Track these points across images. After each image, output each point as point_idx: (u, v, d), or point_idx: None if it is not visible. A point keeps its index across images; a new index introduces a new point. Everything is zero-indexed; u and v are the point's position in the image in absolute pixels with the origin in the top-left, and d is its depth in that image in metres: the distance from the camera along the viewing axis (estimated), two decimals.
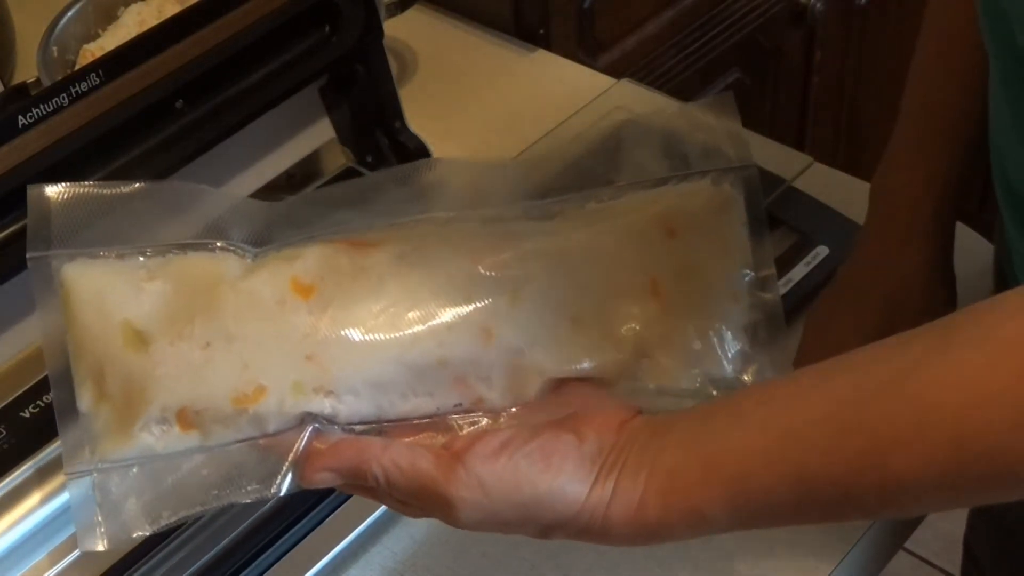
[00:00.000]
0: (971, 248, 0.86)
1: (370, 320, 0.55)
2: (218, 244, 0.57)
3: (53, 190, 0.55)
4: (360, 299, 0.56)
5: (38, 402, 0.70)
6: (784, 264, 0.84)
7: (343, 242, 0.57)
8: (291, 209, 0.59)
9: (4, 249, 0.67)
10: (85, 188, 0.56)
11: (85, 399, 0.54)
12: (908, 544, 1.77)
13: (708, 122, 0.60)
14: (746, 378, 0.58)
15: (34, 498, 0.68)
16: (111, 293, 0.55)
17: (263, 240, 0.58)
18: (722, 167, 0.59)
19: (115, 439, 0.54)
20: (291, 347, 0.55)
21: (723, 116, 0.60)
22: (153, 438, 0.54)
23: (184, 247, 0.56)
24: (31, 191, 0.55)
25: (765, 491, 0.49)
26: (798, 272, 0.85)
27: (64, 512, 0.69)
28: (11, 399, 0.70)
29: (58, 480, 0.69)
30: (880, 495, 0.47)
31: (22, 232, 0.67)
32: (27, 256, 0.55)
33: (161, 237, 0.56)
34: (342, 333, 0.55)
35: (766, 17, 1.37)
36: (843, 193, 0.93)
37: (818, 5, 1.39)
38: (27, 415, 0.70)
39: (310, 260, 0.56)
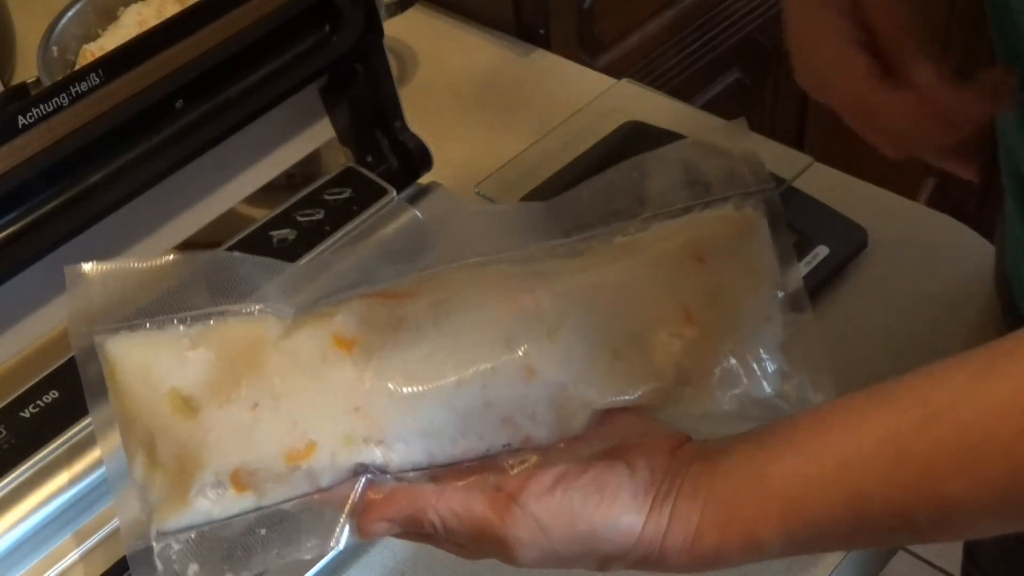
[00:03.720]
0: (971, 248, 0.86)
1: (414, 368, 0.56)
2: (255, 308, 0.57)
3: (89, 267, 0.57)
4: (402, 349, 0.56)
5: (38, 402, 0.70)
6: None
7: (378, 295, 0.58)
8: (319, 267, 0.61)
9: (4, 250, 0.67)
10: (120, 264, 0.57)
11: (138, 470, 0.55)
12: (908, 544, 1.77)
13: (724, 148, 0.61)
14: (788, 390, 0.59)
15: (34, 498, 0.68)
16: (156, 363, 0.56)
17: (296, 300, 0.59)
18: (743, 191, 0.60)
19: (171, 507, 0.55)
20: (338, 401, 0.56)
21: (737, 141, 0.61)
22: (209, 502, 0.54)
23: (223, 313, 0.57)
24: (68, 271, 0.57)
25: (821, 517, 0.49)
26: (798, 271, 0.85)
27: (64, 512, 0.69)
28: (11, 399, 0.70)
29: (57, 481, 0.69)
30: (936, 521, 0.47)
31: (22, 232, 0.67)
32: (70, 336, 0.56)
33: (197, 305, 0.57)
34: (387, 383, 0.56)
35: (766, 17, 1.37)
36: (843, 193, 0.93)
37: None
38: (27, 415, 0.70)
39: (349, 315, 0.57)
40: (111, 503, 0.55)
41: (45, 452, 0.68)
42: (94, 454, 0.68)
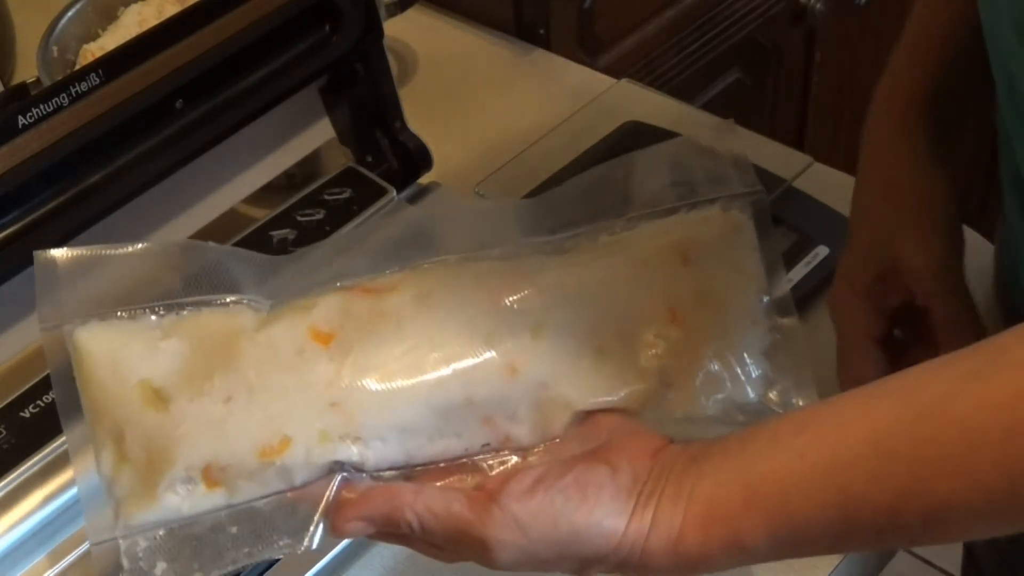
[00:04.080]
0: (971, 248, 0.86)
1: (393, 364, 0.55)
2: (230, 299, 0.56)
3: (59, 253, 0.55)
4: (381, 343, 0.55)
5: (38, 402, 0.70)
6: (784, 264, 0.84)
7: (358, 288, 0.57)
8: (298, 259, 0.59)
9: (4, 250, 0.67)
10: (91, 251, 0.56)
11: (106, 463, 0.53)
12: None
13: (712, 150, 0.61)
14: (772, 396, 0.58)
15: (34, 498, 0.68)
16: (126, 354, 0.54)
17: (273, 292, 0.57)
18: (730, 193, 0.60)
19: (139, 502, 0.53)
20: (314, 395, 0.54)
21: (725, 142, 0.61)
22: (179, 498, 0.53)
23: (197, 304, 0.56)
24: (38, 257, 0.55)
25: (808, 519, 0.48)
26: (798, 272, 0.85)
27: (64, 512, 0.69)
28: (11, 399, 0.70)
29: (58, 480, 0.69)
30: (926, 521, 0.46)
31: (22, 232, 0.67)
32: (39, 324, 0.54)
33: (171, 295, 0.55)
34: (365, 378, 0.54)
35: (766, 17, 1.37)
36: (843, 193, 0.92)
37: (818, 5, 1.39)
38: (27, 415, 0.70)
39: (327, 308, 0.56)
40: (80, 498, 0.54)
41: (45, 452, 0.69)
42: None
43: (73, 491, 0.69)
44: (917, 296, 0.69)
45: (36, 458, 0.68)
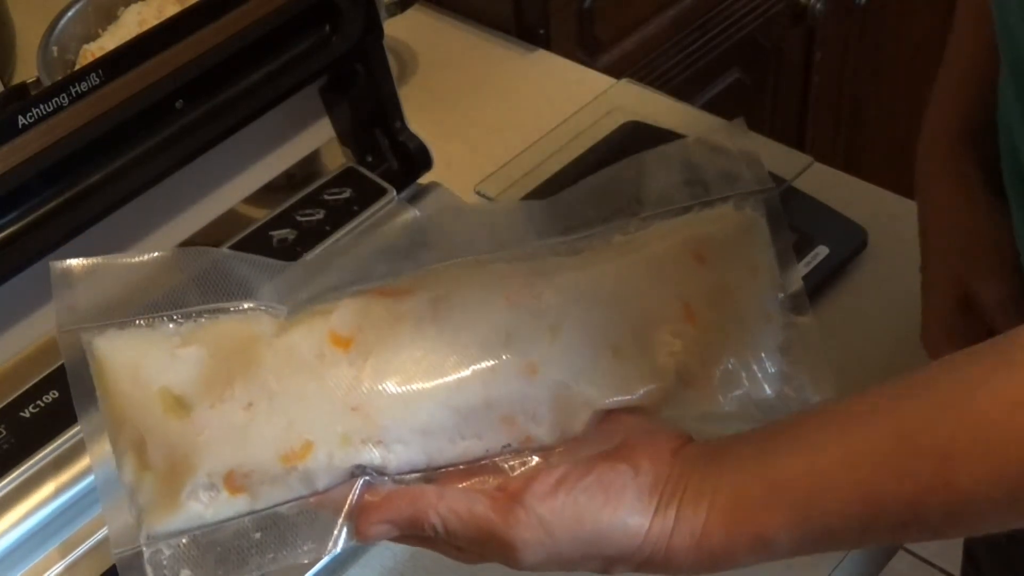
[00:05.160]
0: None
1: (412, 366, 0.55)
2: (248, 305, 0.56)
3: (76, 263, 0.55)
4: (400, 346, 0.55)
5: (38, 402, 0.70)
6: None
7: (375, 292, 0.57)
8: (312, 264, 0.60)
9: (4, 250, 0.67)
10: (107, 260, 0.56)
11: (127, 471, 0.53)
12: (908, 544, 1.78)
13: (724, 148, 0.61)
14: (789, 392, 0.58)
15: (34, 498, 0.68)
16: (146, 362, 0.54)
17: (290, 298, 0.57)
18: (743, 191, 0.60)
19: (162, 510, 0.53)
20: (335, 400, 0.54)
21: (737, 140, 0.61)
22: (201, 505, 0.53)
23: (215, 311, 0.56)
24: (54, 267, 0.55)
25: (830, 514, 0.48)
26: (798, 272, 0.85)
27: (64, 512, 0.69)
28: (11, 399, 0.70)
29: (58, 480, 0.69)
30: (947, 514, 0.47)
31: (22, 232, 0.67)
32: (57, 332, 0.54)
33: (188, 302, 0.55)
34: (385, 382, 0.55)
35: (766, 17, 1.37)
36: (843, 193, 0.93)
37: (818, 5, 1.39)
38: (27, 415, 0.70)
39: (345, 312, 0.56)
40: (101, 508, 0.54)
41: (45, 452, 0.69)
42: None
43: (72, 492, 0.69)
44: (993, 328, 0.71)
45: (36, 458, 0.68)
